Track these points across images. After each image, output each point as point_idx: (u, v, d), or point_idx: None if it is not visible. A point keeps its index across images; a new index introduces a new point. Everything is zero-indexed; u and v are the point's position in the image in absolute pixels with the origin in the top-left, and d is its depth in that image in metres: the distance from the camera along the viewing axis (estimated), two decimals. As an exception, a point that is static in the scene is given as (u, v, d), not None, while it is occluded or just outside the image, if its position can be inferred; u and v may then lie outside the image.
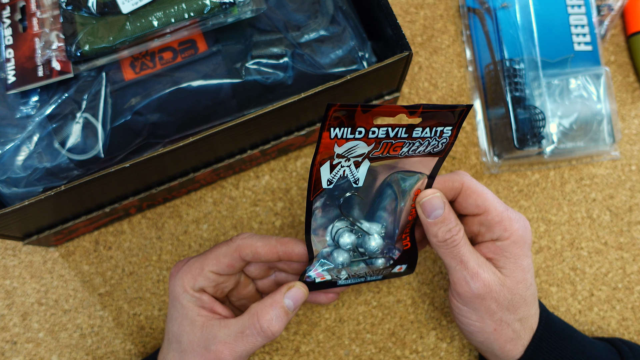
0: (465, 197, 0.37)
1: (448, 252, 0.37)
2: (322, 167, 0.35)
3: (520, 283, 0.37)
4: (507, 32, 0.52)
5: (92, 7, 0.40)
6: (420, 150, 0.35)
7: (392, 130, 0.33)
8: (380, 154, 0.35)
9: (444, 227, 0.36)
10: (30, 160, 0.41)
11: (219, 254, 0.37)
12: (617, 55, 0.55)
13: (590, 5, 0.53)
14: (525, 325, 0.38)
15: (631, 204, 0.52)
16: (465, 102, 0.54)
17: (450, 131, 0.34)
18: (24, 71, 0.41)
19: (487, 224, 0.37)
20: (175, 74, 0.42)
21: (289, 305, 0.36)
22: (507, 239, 0.37)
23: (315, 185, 0.35)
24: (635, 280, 0.50)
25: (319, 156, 0.34)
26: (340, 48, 0.44)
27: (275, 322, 0.35)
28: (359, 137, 0.33)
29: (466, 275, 0.36)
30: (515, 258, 0.37)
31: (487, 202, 0.37)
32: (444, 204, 0.36)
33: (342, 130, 0.32)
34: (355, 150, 0.34)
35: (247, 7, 0.40)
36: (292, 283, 0.37)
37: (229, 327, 0.35)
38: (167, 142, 0.44)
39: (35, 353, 0.48)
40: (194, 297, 0.37)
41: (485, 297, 0.36)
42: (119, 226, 0.51)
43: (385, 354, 0.48)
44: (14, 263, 0.50)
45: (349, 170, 0.35)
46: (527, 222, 0.38)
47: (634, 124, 0.54)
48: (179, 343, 0.37)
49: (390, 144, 0.34)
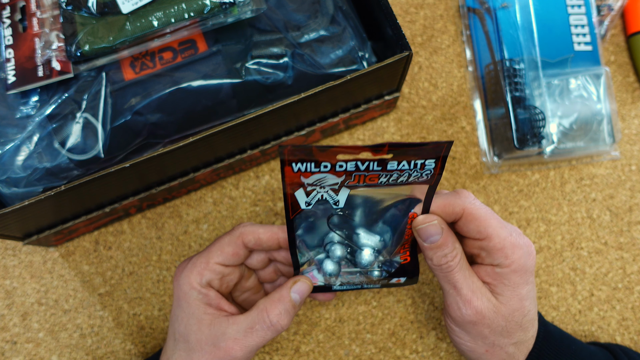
0: (467, 222, 0.36)
1: (443, 276, 0.36)
2: (297, 193, 0.34)
3: (516, 311, 0.36)
4: (507, 32, 0.52)
5: (92, 7, 0.40)
6: (402, 181, 0.33)
7: (362, 164, 0.31)
8: (356, 184, 0.33)
9: (439, 252, 0.36)
10: (30, 160, 0.41)
11: (223, 244, 0.38)
12: (617, 55, 0.55)
13: (590, 5, 0.53)
14: (521, 347, 0.37)
15: (631, 204, 0.52)
16: (465, 102, 0.54)
17: (433, 163, 0.32)
18: (24, 71, 0.41)
19: (488, 250, 0.36)
20: (175, 74, 0.42)
21: (295, 299, 0.37)
22: (507, 267, 0.36)
23: (292, 207, 0.35)
24: (635, 280, 0.50)
25: (288, 185, 0.33)
26: (340, 48, 0.44)
27: (284, 316, 0.36)
28: (325, 170, 0.32)
29: (459, 301, 0.36)
30: (514, 286, 0.36)
31: (490, 228, 0.35)
32: (441, 230, 0.36)
33: (305, 164, 0.31)
34: (325, 181, 0.33)
35: (247, 7, 0.40)
36: (296, 277, 0.38)
37: (237, 324, 0.36)
38: (167, 142, 0.44)
39: (35, 353, 0.48)
40: (200, 294, 0.37)
41: (477, 323, 0.36)
42: (119, 226, 0.51)
43: (385, 354, 0.48)
44: (14, 263, 0.50)
45: (327, 195, 0.34)
46: (531, 247, 0.37)
47: (634, 124, 0.54)
48: (187, 342, 0.36)
49: (364, 176, 0.32)
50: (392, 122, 0.53)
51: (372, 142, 0.53)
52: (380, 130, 0.53)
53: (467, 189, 0.52)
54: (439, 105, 0.54)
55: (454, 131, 0.53)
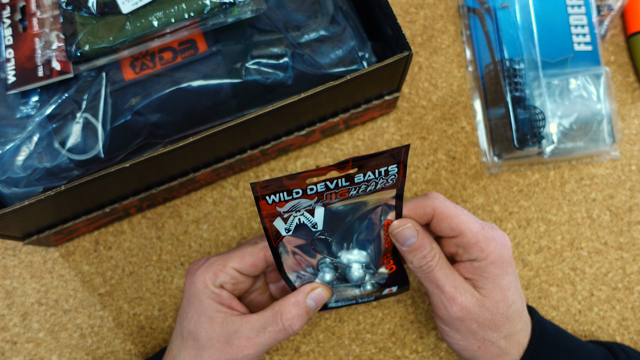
0: (439, 221, 0.37)
1: (425, 277, 0.37)
2: (275, 222, 0.35)
3: (500, 302, 0.37)
4: (507, 32, 0.52)
5: (92, 7, 0.40)
6: (371, 189, 0.35)
7: (331, 183, 0.33)
8: (330, 201, 0.35)
9: (418, 254, 0.37)
10: (30, 160, 0.41)
11: (244, 253, 0.38)
12: (617, 55, 0.55)
13: (590, 5, 0.53)
14: (512, 341, 0.38)
15: (631, 204, 0.52)
16: (465, 102, 0.54)
17: (396, 168, 0.33)
18: (24, 71, 0.41)
19: (464, 246, 0.37)
20: (175, 74, 0.42)
21: (311, 306, 0.37)
22: (484, 260, 0.36)
23: (274, 236, 0.36)
24: (635, 280, 0.50)
25: (265, 218, 0.34)
26: (340, 48, 0.44)
27: (297, 321, 0.36)
28: (298, 196, 0.33)
29: (443, 299, 0.36)
30: (494, 278, 0.37)
31: (462, 224, 0.37)
32: (416, 232, 0.37)
33: (278, 195, 0.33)
34: (300, 205, 0.34)
35: (247, 7, 0.40)
36: (315, 284, 0.38)
37: (250, 323, 0.36)
38: (167, 142, 0.44)
39: (35, 353, 0.48)
40: (214, 294, 0.37)
41: (464, 319, 0.36)
42: (119, 226, 0.51)
43: (385, 354, 0.48)
44: (14, 263, 0.50)
45: (304, 218, 0.35)
46: (505, 238, 0.38)
47: (634, 124, 0.54)
48: (196, 340, 0.37)
49: (335, 193, 0.34)
50: (392, 122, 0.53)
51: (372, 142, 0.53)
52: (380, 130, 0.53)
53: (467, 189, 0.52)
54: (439, 105, 0.54)
55: (454, 131, 0.53)
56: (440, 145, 0.53)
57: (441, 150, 0.53)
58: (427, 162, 0.52)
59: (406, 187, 0.52)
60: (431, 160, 0.52)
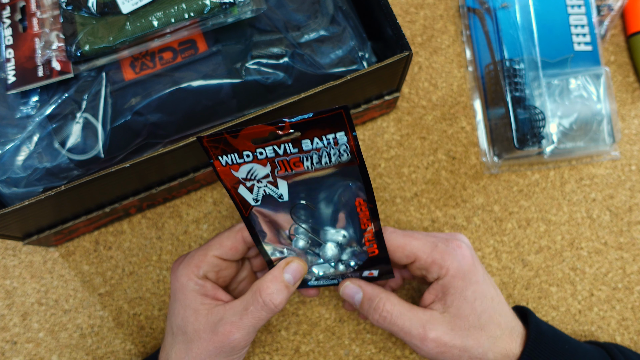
0: (392, 252, 0.38)
1: (389, 327, 0.37)
2: (240, 190, 0.35)
3: (469, 315, 0.37)
4: (507, 32, 0.52)
5: (92, 7, 0.40)
6: (326, 162, 0.34)
7: (279, 148, 0.33)
8: (287, 172, 0.35)
9: (369, 308, 0.38)
10: (30, 160, 0.41)
11: (222, 238, 0.39)
12: (617, 55, 0.55)
13: (590, 5, 0.53)
14: (497, 348, 0.37)
15: (631, 204, 0.52)
16: (465, 102, 0.54)
17: (344, 136, 0.32)
18: (24, 71, 0.41)
19: (424, 268, 0.38)
20: (175, 74, 0.42)
21: (289, 279, 0.37)
22: (445, 275, 0.37)
23: (243, 205, 0.36)
24: (635, 280, 0.50)
25: (226, 183, 0.35)
26: (340, 48, 0.44)
27: (276, 295, 0.36)
28: (249, 160, 0.34)
29: (416, 342, 0.36)
30: (460, 291, 0.37)
31: (414, 249, 0.37)
32: (359, 287, 0.38)
33: (230, 156, 0.33)
34: (256, 172, 0.34)
35: (247, 7, 0.40)
36: (289, 258, 0.38)
37: (233, 308, 0.36)
38: (167, 142, 0.44)
39: (35, 353, 0.48)
40: (197, 285, 0.37)
41: (444, 351, 0.36)
42: (119, 226, 0.51)
43: (385, 354, 0.48)
44: (14, 263, 0.50)
45: (269, 189, 0.36)
46: (461, 249, 0.38)
47: (634, 124, 0.54)
48: (185, 334, 0.37)
49: (287, 161, 0.34)
50: (392, 122, 0.53)
51: (372, 142, 0.53)
52: (380, 130, 0.53)
53: (467, 189, 0.52)
54: (439, 105, 0.54)
55: (454, 131, 0.53)
56: (440, 145, 0.53)
57: (441, 150, 0.53)
58: (427, 162, 0.52)
59: (406, 187, 0.52)
60: (431, 160, 0.52)
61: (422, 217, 0.51)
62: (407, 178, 0.52)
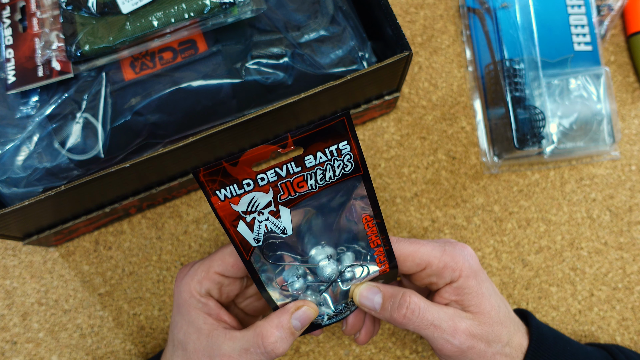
0: (402, 262, 0.37)
1: (417, 324, 0.36)
2: (239, 228, 0.32)
3: (491, 311, 0.37)
4: (507, 32, 0.52)
5: (92, 7, 0.40)
6: (330, 176, 0.32)
7: (281, 170, 0.31)
8: (290, 196, 0.32)
9: (393, 305, 0.36)
10: (30, 160, 0.41)
11: (225, 254, 0.37)
12: (617, 55, 0.55)
13: (590, 5, 0.53)
14: (513, 345, 0.38)
15: (631, 204, 0.52)
16: (465, 102, 0.54)
17: (347, 145, 0.31)
18: (24, 71, 0.41)
19: (436, 274, 0.37)
20: (175, 74, 0.42)
21: (296, 326, 0.35)
22: (460, 277, 0.36)
23: (243, 247, 0.33)
24: (635, 280, 0.50)
25: (225, 220, 0.32)
26: (340, 48, 0.44)
27: (280, 345, 0.34)
28: (250, 189, 0.31)
29: (447, 337, 0.35)
30: (476, 290, 0.37)
31: (424, 256, 0.36)
32: (377, 288, 0.37)
33: (228, 188, 0.31)
34: (257, 201, 0.32)
35: (247, 7, 0.40)
36: (300, 302, 0.36)
37: (233, 341, 0.35)
38: (167, 142, 0.44)
39: (35, 353, 0.48)
40: (200, 303, 0.36)
41: (473, 345, 0.36)
42: (119, 226, 0.51)
43: (385, 354, 0.48)
44: (14, 263, 0.50)
45: (270, 222, 0.33)
46: (467, 249, 0.38)
47: (634, 124, 0.54)
48: (185, 350, 0.36)
49: (290, 182, 0.32)
50: (392, 122, 0.53)
51: (372, 142, 0.53)
52: (380, 130, 0.53)
53: (467, 189, 0.52)
54: (439, 105, 0.54)
55: (454, 131, 0.53)
56: (440, 145, 0.53)
57: (441, 150, 0.53)
58: (427, 162, 0.52)
59: (406, 187, 0.52)
60: (431, 160, 0.52)
61: (422, 217, 0.51)
62: (407, 178, 0.52)
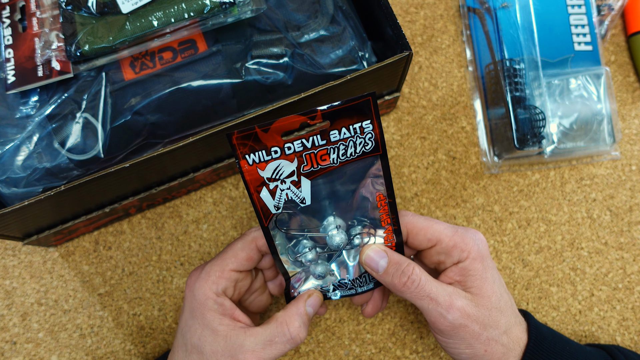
0: (414, 236, 0.38)
1: (415, 293, 0.37)
2: (262, 194, 0.35)
3: (492, 296, 0.37)
4: (507, 32, 0.52)
5: (92, 7, 0.40)
6: (352, 152, 0.35)
7: (307, 141, 0.33)
8: (313, 168, 0.35)
9: (396, 272, 0.37)
10: (30, 160, 0.41)
11: (236, 250, 0.38)
12: (617, 55, 0.55)
13: (590, 5, 0.53)
14: (512, 336, 0.38)
15: (631, 204, 0.52)
16: (465, 102, 0.54)
17: (370, 124, 0.34)
18: (24, 71, 0.41)
19: (445, 252, 0.38)
20: (175, 74, 0.42)
21: (310, 312, 0.38)
22: (467, 258, 0.37)
23: (263, 213, 0.36)
24: (636, 280, 0.50)
25: (250, 185, 0.34)
26: (340, 48, 0.44)
27: (302, 329, 0.37)
28: (277, 156, 0.34)
29: (441, 310, 0.36)
30: (480, 273, 0.37)
31: (436, 232, 0.38)
32: (384, 252, 0.38)
33: (257, 154, 0.33)
34: (282, 170, 0.34)
35: (247, 7, 0.40)
36: (311, 291, 0.39)
37: (255, 336, 0.36)
38: (167, 142, 0.44)
39: (35, 353, 0.48)
40: (216, 304, 0.37)
41: (466, 324, 0.36)
42: (119, 226, 0.51)
43: (385, 354, 0.48)
44: (14, 263, 0.50)
45: (291, 192, 0.35)
46: (478, 234, 0.38)
47: (634, 124, 0.54)
48: (201, 354, 0.36)
49: (314, 154, 0.34)
50: (392, 122, 0.53)
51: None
52: (380, 130, 0.53)
53: (467, 189, 0.52)
54: (439, 105, 0.54)
55: (454, 131, 0.53)
56: (440, 145, 0.53)
57: (441, 150, 0.53)
58: (427, 162, 0.52)
59: (406, 187, 0.52)
60: (431, 160, 0.52)
61: (422, 217, 0.51)
62: (407, 178, 0.52)
